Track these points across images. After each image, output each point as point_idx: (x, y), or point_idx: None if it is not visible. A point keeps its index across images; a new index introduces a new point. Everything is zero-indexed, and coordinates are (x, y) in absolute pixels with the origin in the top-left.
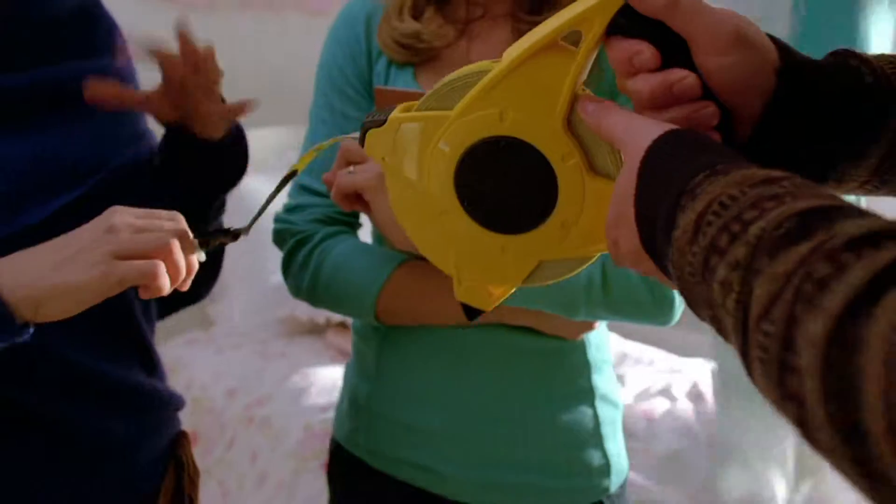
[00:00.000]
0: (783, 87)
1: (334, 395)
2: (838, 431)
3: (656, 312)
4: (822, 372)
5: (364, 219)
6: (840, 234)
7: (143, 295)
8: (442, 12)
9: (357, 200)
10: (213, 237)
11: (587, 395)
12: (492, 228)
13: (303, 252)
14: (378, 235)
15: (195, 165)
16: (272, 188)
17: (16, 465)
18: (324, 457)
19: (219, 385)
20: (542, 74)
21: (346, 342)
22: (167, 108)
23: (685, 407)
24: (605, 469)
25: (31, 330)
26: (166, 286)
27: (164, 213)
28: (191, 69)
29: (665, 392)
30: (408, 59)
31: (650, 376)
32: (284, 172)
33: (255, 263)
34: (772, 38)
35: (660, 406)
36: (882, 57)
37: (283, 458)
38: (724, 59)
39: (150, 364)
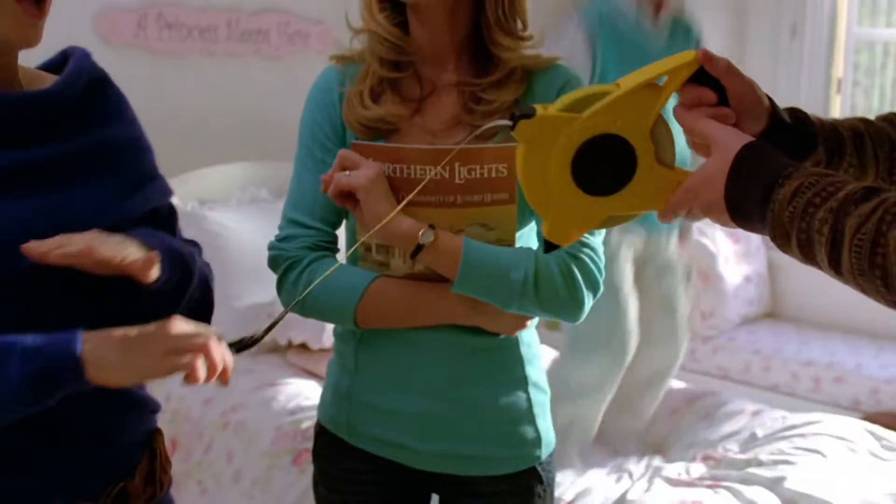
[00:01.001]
0: (770, 121)
1: (299, 402)
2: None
3: (572, 310)
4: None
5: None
6: (890, 197)
7: (187, 382)
8: (398, 92)
9: (349, 198)
10: (241, 345)
11: (521, 382)
12: (586, 192)
13: (294, 273)
14: (355, 249)
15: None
16: (236, 220)
17: (21, 448)
18: (294, 453)
19: (196, 395)
20: (643, 99)
21: (305, 361)
22: None
23: None
24: (538, 441)
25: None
26: (202, 377)
27: (211, 328)
28: None
29: None
30: (374, 137)
31: None
32: (248, 205)
33: (222, 291)
34: (767, 96)
35: None
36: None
37: (257, 457)
38: (743, 101)
39: (133, 395)
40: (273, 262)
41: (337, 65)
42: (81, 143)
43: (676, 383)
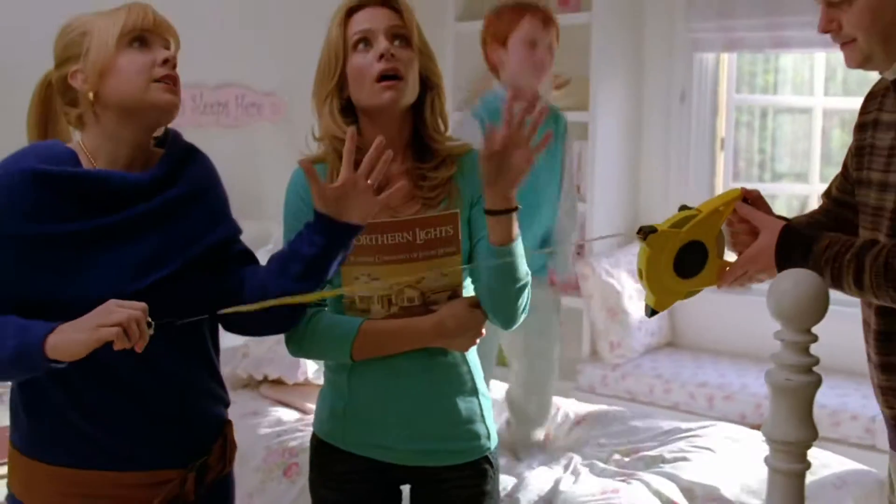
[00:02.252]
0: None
1: (283, 427)
2: None
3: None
4: None
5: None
6: (888, 244)
7: (116, 347)
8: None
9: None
10: (160, 325)
11: (474, 392)
12: (679, 276)
13: (299, 327)
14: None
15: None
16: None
17: (134, 426)
18: (284, 466)
19: None
20: (713, 219)
21: (279, 393)
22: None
23: None
24: (488, 436)
25: (60, 364)
26: (126, 345)
27: (136, 303)
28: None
29: None
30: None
31: None
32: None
33: None
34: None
35: None
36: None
37: (251, 472)
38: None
39: (214, 375)
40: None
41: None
42: (177, 195)
43: (588, 406)
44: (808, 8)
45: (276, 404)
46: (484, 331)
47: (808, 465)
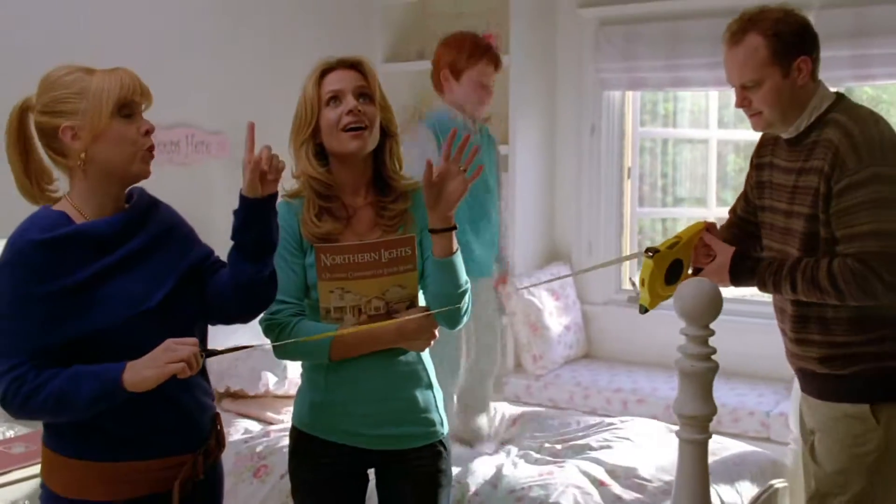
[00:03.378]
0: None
1: (249, 434)
2: (839, 295)
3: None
4: (824, 286)
5: None
6: (810, 260)
7: (180, 377)
8: (332, 214)
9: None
10: (209, 353)
11: (429, 386)
12: (667, 284)
13: (287, 330)
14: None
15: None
16: None
17: (154, 418)
18: (253, 469)
19: None
20: (689, 245)
21: (239, 406)
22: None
23: None
24: (441, 423)
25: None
26: (187, 375)
27: (190, 339)
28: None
29: None
30: (321, 242)
31: None
32: None
33: None
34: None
35: None
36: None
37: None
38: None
39: (204, 375)
40: (268, 328)
41: (290, 200)
42: (152, 231)
43: (521, 409)
44: (702, 52)
45: (237, 416)
46: (437, 333)
47: (709, 435)
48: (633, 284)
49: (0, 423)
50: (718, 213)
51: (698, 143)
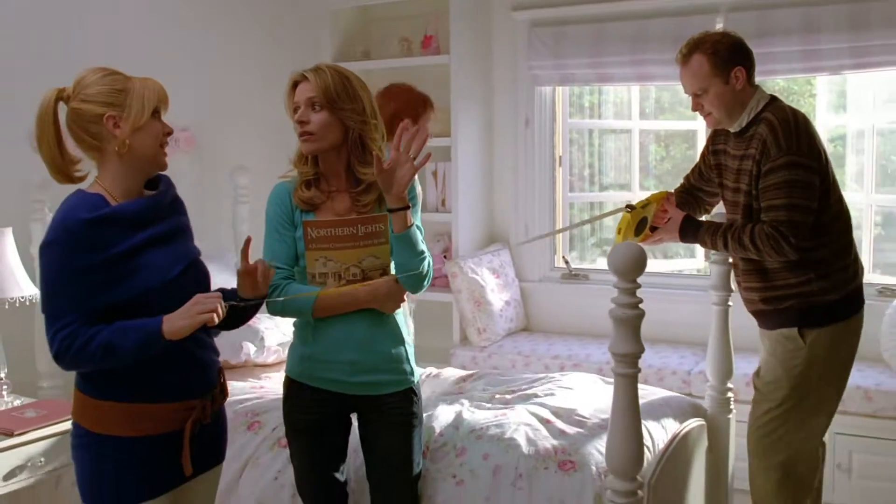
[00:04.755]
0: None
1: (241, 396)
2: (758, 252)
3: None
4: (747, 245)
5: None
6: (738, 225)
7: (210, 325)
8: (317, 187)
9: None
10: (231, 305)
11: (400, 340)
12: (636, 235)
13: (278, 291)
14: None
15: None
16: None
17: (180, 368)
18: (248, 423)
19: None
20: (654, 207)
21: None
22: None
23: None
24: (412, 373)
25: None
26: (215, 322)
27: (214, 293)
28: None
29: None
30: (308, 209)
31: None
32: None
33: None
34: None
35: None
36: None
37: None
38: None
39: (210, 334)
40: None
41: (285, 181)
42: (179, 219)
43: (469, 371)
44: (624, 51)
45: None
46: (406, 298)
47: (639, 370)
48: (566, 262)
49: (8, 395)
50: (641, 196)
51: (621, 133)
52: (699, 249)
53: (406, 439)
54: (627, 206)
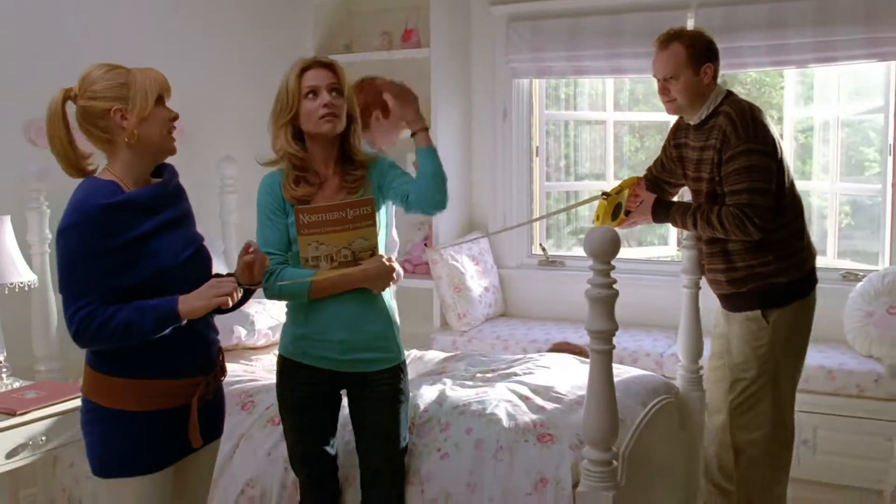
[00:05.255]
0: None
1: (234, 377)
2: (724, 231)
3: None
4: (714, 224)
5: None
6: (704, 207)
7: (224, 308)
8: (306, 182)
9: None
10: (244, 289)
11: (389, 319)
12: (612, 219)
13: (274, 276)
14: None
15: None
16: None
17: (186, 348)
18: (241, 403)
19: None
20: (627, 192)
21: None
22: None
23: None
24: (399, 350)
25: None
26: (229, 305)
27: (229, 279)
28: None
29: None
30: (299, 203)
31: None
32: None
33: None
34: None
35: None
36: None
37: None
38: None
39: (213, 325)
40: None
41: (273, 171)
42: (183, 206)
43: (450, 353)
44: (600, 44)
45: None
46: (395, 277)
47: (613, 346)
48: (543, 249)
49: (7, 378)
50: (615, 185)
51: (597, 124)
52: (672, 237)
53: (394, 414)
54: (603, 193)
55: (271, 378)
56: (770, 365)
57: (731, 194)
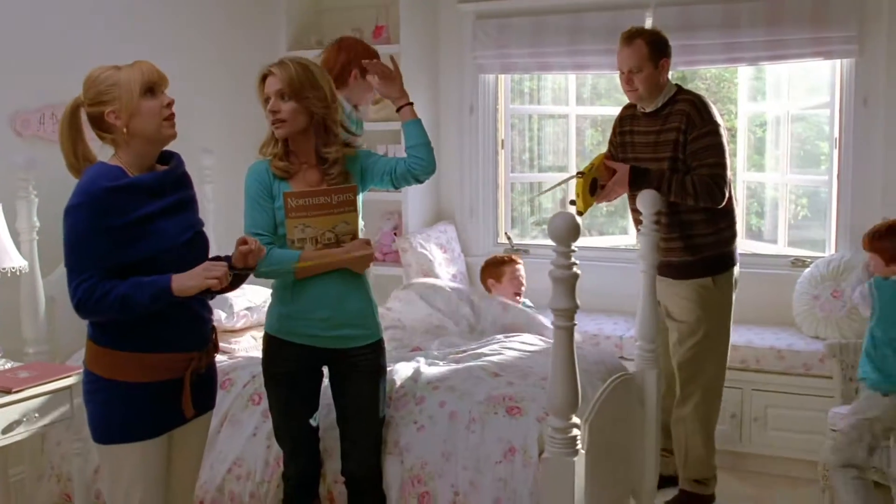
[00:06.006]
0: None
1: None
2: (695, 195)
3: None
4: (688, 188)
5: None
6: (679, 176)
7: (214, 289)
8: (289, 159)
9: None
10: (234, 273)
11: (369, 298)
12: (590, 195)
13: (262, 259)
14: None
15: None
16: None
17: (181, 324)
18: (220, 383)
19: None
20: (598, 169)
21: None
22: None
23: None
24: (378, 327)
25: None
26: (219, 287)
27: (221, 263)
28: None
29: None
30: (283, 177)
31: None
32: None
33: None
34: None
35: None
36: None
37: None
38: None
39: (208, 304)
40: None
41: (261, 157)
42: (187, 192)
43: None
44: (562, 42)
45: None
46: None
47: (575, 323)
48: (508, 238)
49: None
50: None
51: (559, 118)
52: (631, 228)
53: (374, 386)
54: (578, 173)
55: (248, 356)
56: (715, 322)
57: (700, 167)
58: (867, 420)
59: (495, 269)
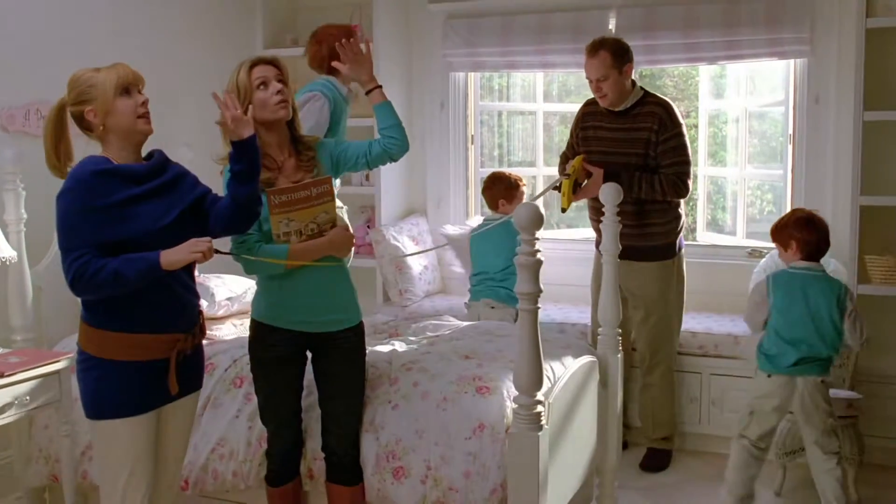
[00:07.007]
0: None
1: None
2: (662, 192)
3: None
4: (656, 186)
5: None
6: (647, 176)
7: (199, 262)
8: (265, 167)
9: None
10: (218, 252)
11: (350, 284)
12: (573, 194)
13: (252, 254)
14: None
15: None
16: None
17: (168, 307)
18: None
19: None
20: (578, 171)
21: None
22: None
23: None
24: (359, 310)
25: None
26: (204, 261)
27: (206, 238)
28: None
29: None
30: (266, 184)
31: None
32: None
33: None
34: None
35: None
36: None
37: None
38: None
39: (192, 280)
40: (241, 245)
41: (226, 164)
42: (168, 176)
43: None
44: (530, 41)
45: None
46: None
47: (538, 307)
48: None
49: None
50: (546, 171)
51: (528, 114)
52: None
53: (357, 366)
54: (564, 174)
55: (227, 341)
56: (673, 296)
57: (670, 165)
58: (757, 399)
59: (509, 191)
